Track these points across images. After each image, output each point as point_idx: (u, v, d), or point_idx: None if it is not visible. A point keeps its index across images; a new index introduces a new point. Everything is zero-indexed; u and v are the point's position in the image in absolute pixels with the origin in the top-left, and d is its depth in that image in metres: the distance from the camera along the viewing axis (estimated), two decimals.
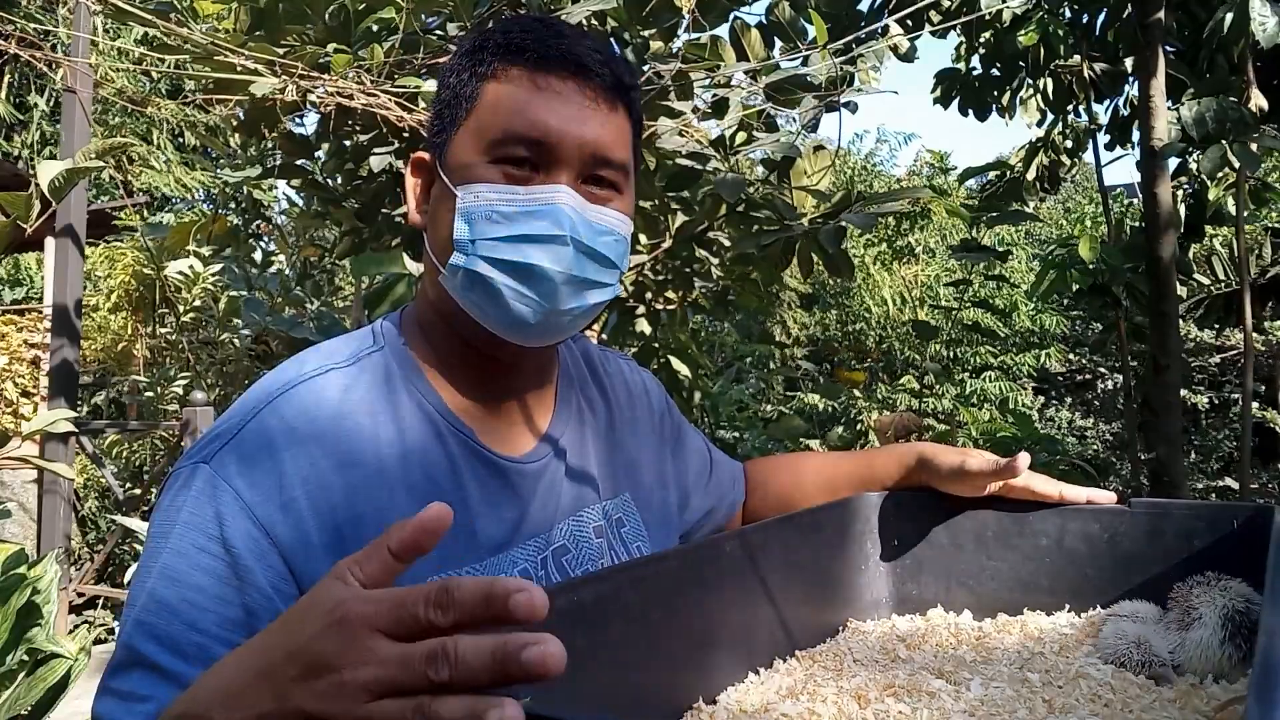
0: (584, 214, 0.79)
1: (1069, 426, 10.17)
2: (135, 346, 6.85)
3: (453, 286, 0.81)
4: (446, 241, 0.80)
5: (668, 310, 2.70)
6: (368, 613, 0.46)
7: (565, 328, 0.84)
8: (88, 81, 4.82)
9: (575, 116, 0.80)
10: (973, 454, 0.94)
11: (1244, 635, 0.72)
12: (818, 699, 0.71)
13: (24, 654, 2.21)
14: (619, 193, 0.84)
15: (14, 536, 5.72)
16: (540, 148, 0.79)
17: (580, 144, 0.79)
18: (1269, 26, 2.75)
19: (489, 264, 0.78)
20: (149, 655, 0.68)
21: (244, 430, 0.76)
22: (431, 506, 0.49)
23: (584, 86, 0.81)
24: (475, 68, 0.82)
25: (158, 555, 0.72)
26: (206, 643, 0.69)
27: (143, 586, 0.71)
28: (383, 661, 0.45)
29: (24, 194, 2.12)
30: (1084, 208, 12.47)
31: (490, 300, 0.79)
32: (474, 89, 0.82)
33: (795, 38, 2.18)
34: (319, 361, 0.83)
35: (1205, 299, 4.21)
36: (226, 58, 1.98)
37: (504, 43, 0.82)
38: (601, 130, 0.81)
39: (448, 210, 0.80)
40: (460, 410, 0.84)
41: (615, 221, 0.82)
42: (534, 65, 0.80)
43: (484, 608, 0.44)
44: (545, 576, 0.83)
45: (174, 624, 0.69)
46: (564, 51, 0.81)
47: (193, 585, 0.70)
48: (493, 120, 0.80)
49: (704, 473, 1.12)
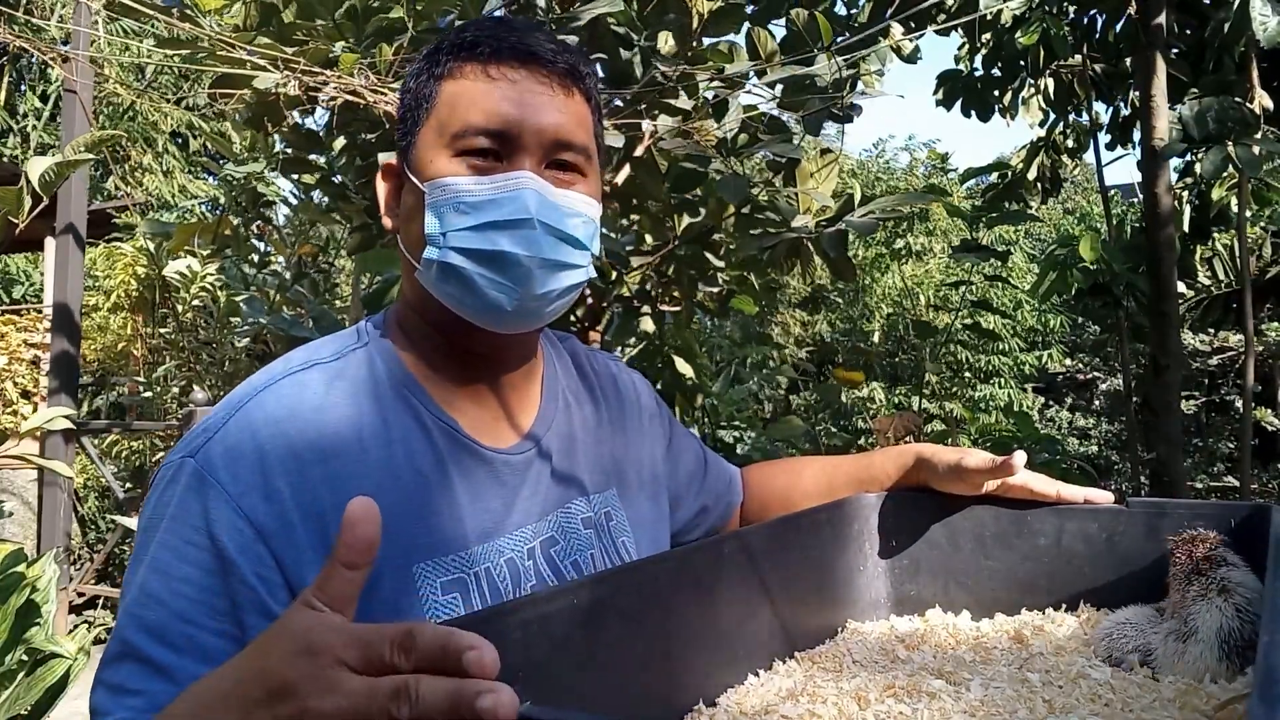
0: (550, 197, 0.81)
1: (1069, 426, 10.17)
2: (135, 346, 6.85)
3: (428, 280, 0.83)
4: (418, 237, 0.82)
5: (672, 311, 2.70)
6: (335, 644, 0.48)
7: (543, 313, 0.85)
8: (88, 81, 4.82)
9: (531, 104, 0.81)
10: (970, 453, 0.95)
11: (1239, 651, 0.72)
12: (818, 700, 0.71)
13: (23, 654, 2.21)
14: (583, 176, 0.85)
15: (14, 536, 5.72)
16: (500, 137, 0.80)
17: (539, 129, 0.81)
18: (1270, 26, 2.75)
19: (460, 254, 0.80)
20: (140, 647, 0.69)
21: (228, 424, 0.77)
22: (352, 502, 0.51)
23: (537, 73, 0.83)
24: (432, 69, 0.84)
25: (147, 549, 0.73)
26: (195, 633, 0.70)
27: (133, 580, 0.72)
28: (348, 693, 0.46)
29: (14, 189, 2.11)
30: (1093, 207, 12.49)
31: (465, 290, 0.81)
32: (432, 89, 0.84)
33: (811, 43, 2.17)
34: (303, 358, 0.84)
35: (1205, 299, 4.21)
36: (231, 53, 1.98)
37: (458, 42, 0.84)
38: (560, 115, 0.82)
39: (417, 207, 0.82)
40: (445, 403, 0.85)
41: (581, 204, 0.84)
42: (487, 58, 0.82)
43: (440, 656, 0.46)
44: (533, 567, 0.83)
45: (163, 614, 0.70)
46: (515, 43, 0.82)
47: (180, 577, 0.71)
48: (451, 115, 0.81)
49: (697, 474, 1.12)
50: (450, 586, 0.77)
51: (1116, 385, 9.50)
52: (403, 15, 1.96)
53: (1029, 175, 4.35)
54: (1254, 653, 0.72)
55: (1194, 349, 8.13)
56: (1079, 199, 14.18)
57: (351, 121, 2.22)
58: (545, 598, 0.62)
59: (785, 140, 2.24)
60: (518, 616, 0.59)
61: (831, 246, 2.20)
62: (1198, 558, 0.78)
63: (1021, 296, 10.26)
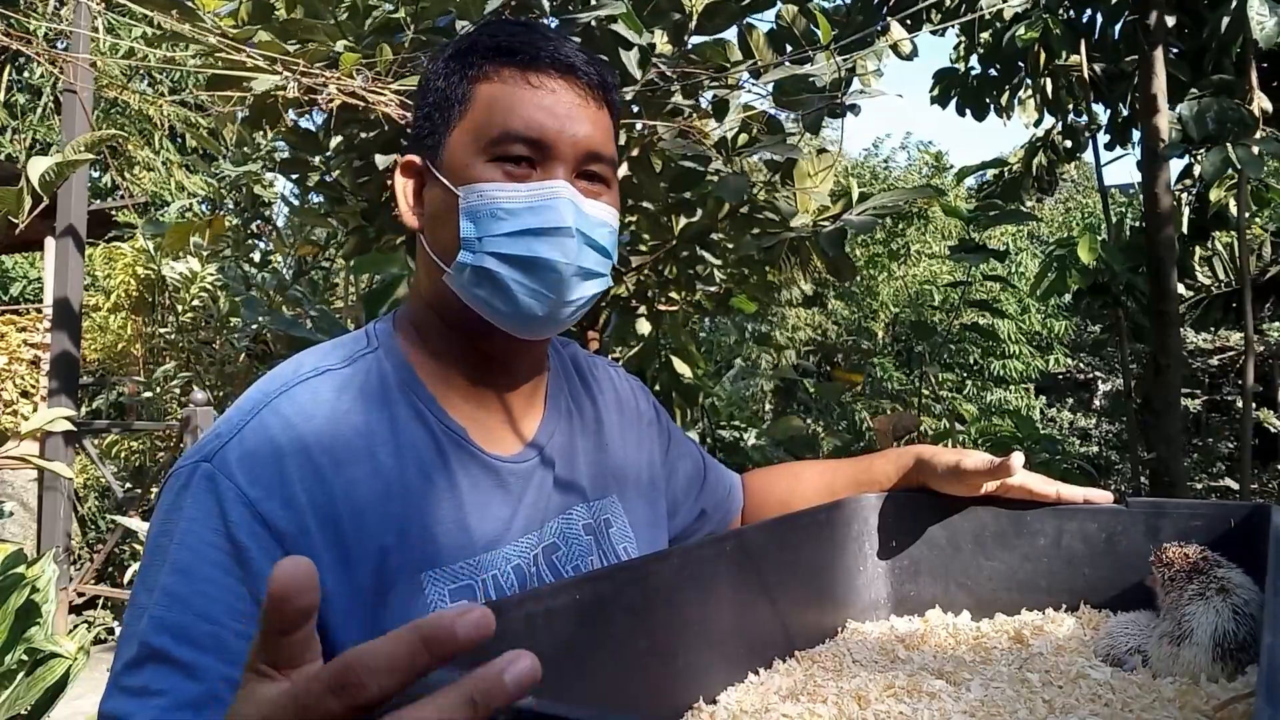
0: (581, 207, 0.82)
1: (1070, 427, 10.18)
2: (135, 346, 6.85)
3: (459, 284, 0.83)
4: (451, 241, 0.82)
5: (670, 311, 2.70)
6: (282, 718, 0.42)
7: (567, 319, 0.86)
8: (88, 80, 4.81)
9: (568, 115, 0.82)
10: (969, 454, 0.95)
11: (1233, 653, 0.72)
12: (818, 699, 0.71)
13: (23, 654, 2.21)
14: (608, 186, 0.87)
15: (14, 536, 5.72)
16: (538, 146, 0.81)
17: (574, 141, 0.82)
18: (1267, 26, 2.75)
19: (497, 260, 0.80)
20: (162, 648, 0.68)
21: (244, 429, 0.77)
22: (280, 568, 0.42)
23: (574, 85, 0.84)
24: (465, 70, 0.84)
25: (165, 552, 0.72)
26: (219, 631, 0.69)
27: (153, 583, 0.71)
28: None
29: (14, 189, 2.11)
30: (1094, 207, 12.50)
31: (499, 295, 0.81)
32: (465, 91, 0.83)
33: (803, 42, 2.17)
34: (314, 363, 0.84)
35: (1205, 299, 4.21)
36: (230, 54, 1.97)
37: (493, 45, 0.84)
38: (592, 128, 0.84)
39: (450, 210, 0.82)
40: (453, 410, 0.85)
41: (607, 214, 0.85)
42: (525, 66, 0.83)
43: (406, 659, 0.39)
44: (537, 573, 0.84)
45: (186, 615, 0.69)
46: (553, 52, 0.83)
47: (202, 576, 0.71)
48: (489, 120, 0.82)
49: (696, 479, 1.12)
50: (459, 594, 0.77)
51: (1116, 385, 9.51)
52: (402, 15, 1.96)
53: (1028, 175, 4.35)
54: (1248, 654, 0.72)
55: (1195, 348, 8.14)
56: (1081, 199, 14.18)
57: (349, 122, 2.22)
58: (549, 593, 0.62)
59: (784, 140, 2.24)
60: (521, 611, 0.59)
61: (830, 245, 2.21)
62: (1195, 559, 0.78)
63: (1028, 300, 10.26)
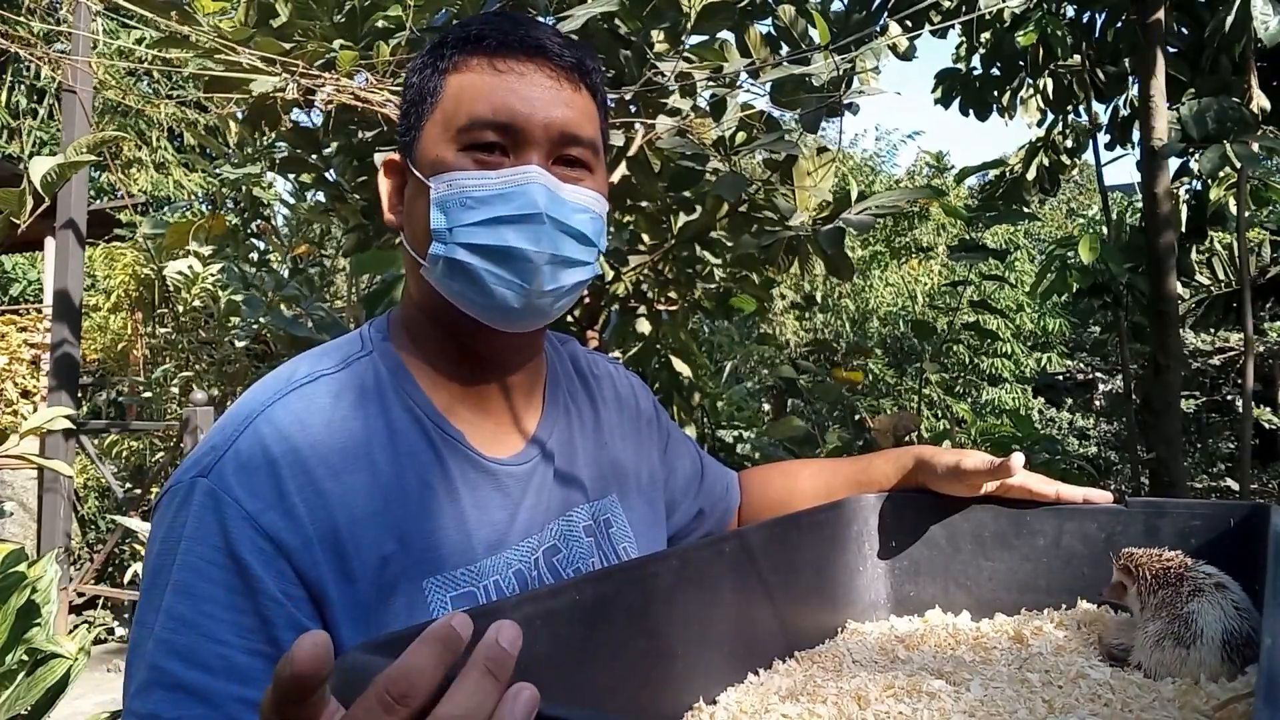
0: (558, 192, 0.80)
1: (1070, 427, 10.17)
2: (135, 346, 6.85)
3: (434, 277, 0.81)
4: (424, 233, 0.80)
5: (669, 311, 2.70)
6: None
7: (549, 310, 0.84)
8: (88, 81, 4.81)
9: (539, 98, 0.80)
10: (968, 455, 0.94)
11: (1239, 649, 0.72)
12: (817, 700, 0.71)
13: (23, 654, 2.20)
14: (590, 171, 0.84)
15: (14, 536, 5.72)
16: (508, 131, 0.79)
17: (547, 124, 0.80)
18: (1271, 25, 2.75)
19: (468, 250, 0.78)
20: (172, 672, 0.68)
21: (239, 441, 0.75)
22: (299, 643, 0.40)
23: (545, 68, 0.81)
24: (437, 64, 0.83)
25: (167, 572, 0.71)
26: (227, 652, 0.69)
27: (158, 604, 0.71)
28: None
29: (16, 190, 2.11)
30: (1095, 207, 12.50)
31: (472, 287, 0.80)
32: (437, 83, 0.82)
33: (800, 42, 2.17)
34: (309, 369, 0.82)
35: (1205, 299, 4.21)
36: (228, 55, 1.97)
37: (463, 35, 0.82)
38: (567, 110, 0.81)
39: (423, 203, 0.81)
40: (449, 413, 0.84)
41: (589, 199, 0.83)
42: (493, 52, 0.81)
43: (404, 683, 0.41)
44: (538, 576, 0.83)
45: (193, 637, 0.69)
46: (522, 37, 0.81)
47: (206, 597, 0.70)
48: (457, 109, 0.80)
49: (694, 478, 1.12)
50: (461, 600, 0.77)
51: (1116, 385, 9.50)
52: (400, 14, 1.96)
53: (1028, 175, 4.35)
54: (1251, 650, 0.72)
55: (1195, 348, 8.13)
56: (1081, 199, 14.17)
57: (348, 121, 2.22)
58: (549, 593, 0.62)
59: (782, 137, 2.24)
60: (521, 611, 0.59)
61: (829, 243, 2.20)
62: (1170, 561, 0.78)
63: (1023, 300, 10.25)
